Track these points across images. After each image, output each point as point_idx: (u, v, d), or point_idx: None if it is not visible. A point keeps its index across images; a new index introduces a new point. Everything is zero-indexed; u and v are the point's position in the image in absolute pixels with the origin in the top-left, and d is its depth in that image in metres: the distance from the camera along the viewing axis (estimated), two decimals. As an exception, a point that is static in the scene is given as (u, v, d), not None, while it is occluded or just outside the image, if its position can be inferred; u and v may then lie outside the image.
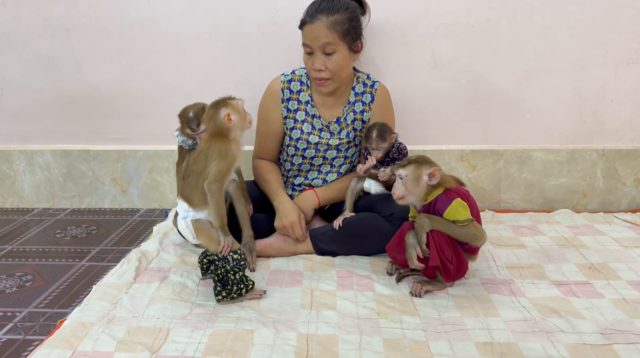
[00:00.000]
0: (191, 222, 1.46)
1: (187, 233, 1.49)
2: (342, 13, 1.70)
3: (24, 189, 2.42)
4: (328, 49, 1.70)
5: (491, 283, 1.56)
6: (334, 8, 1.69)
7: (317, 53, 1.72)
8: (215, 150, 1.44)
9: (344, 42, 1.71)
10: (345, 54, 1.73)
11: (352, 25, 1.72)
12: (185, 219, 1.48)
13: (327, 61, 1.72)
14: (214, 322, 1.35)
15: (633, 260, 1.71)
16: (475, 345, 1.24)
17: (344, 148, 1.89)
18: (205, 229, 1.46)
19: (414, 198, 1.47)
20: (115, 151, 2.35)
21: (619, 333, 1.29)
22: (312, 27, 1.70)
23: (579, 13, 2.09)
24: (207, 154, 1.45)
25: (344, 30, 1.69)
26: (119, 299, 1.47)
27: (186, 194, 1.47)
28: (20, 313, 1.48)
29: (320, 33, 1.68)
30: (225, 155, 1.44)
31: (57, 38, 2.25)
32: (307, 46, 1.73)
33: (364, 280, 1.58)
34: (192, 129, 1.71)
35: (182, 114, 1.75)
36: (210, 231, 1.45)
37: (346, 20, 1.70)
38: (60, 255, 1.88)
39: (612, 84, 2.16)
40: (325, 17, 1.68)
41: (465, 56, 2.16)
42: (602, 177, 2.24)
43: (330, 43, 1.69)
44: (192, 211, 1.46)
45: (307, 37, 1.72)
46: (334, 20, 1.68)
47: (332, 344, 1.25)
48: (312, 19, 1.70)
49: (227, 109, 1.47)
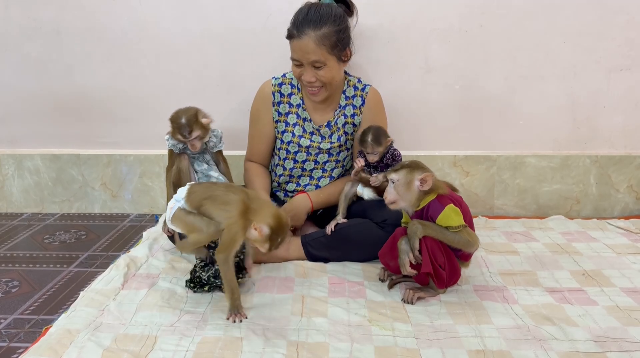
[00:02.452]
0: (177, 209, 1.46)
1: (168, 215, 1.49)
2: (329, 26, 1.67)
3: (12, 194, 2.39)
4: (317, 64, 1.69)
5: (484, 289, 1.55)
6: (322, 20, 1.67)
7: (307, 67, 1.71)
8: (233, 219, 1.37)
9: (332, 55, 1.70)
10: (334, 65, 1.72)
11: (340, 37, 1.70)
12: (176, 203, 1.47)
13: (317, 72, 1.71)
14: (202, 329, 1.33)
15: (626, 267, 1.70)
16: (468, 353, 1.23)
17: (335, 152, 1.88)
18: (184, 217, 1.45)
19: (406, 203, 1.46)
20: (106, 155, 2.33)
21: (612, 341, 1.27)
22: (300, 43, 1.68)
23: (572, 19, 2.09)
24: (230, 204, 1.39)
25: (331, 43, 1.68)
26: (106, 306, 1.45)
27: (194, 189, 1.47)
28: (5, 319, 1.45)
29: (308, 49, 1.67)
30: (235, 236, 1.37)
31: (47, 41, 2.23)
32: (296, 60, 1.72)
33: (355, 287, 1.57)
34: (183, 136, 1.69)
35: (173, 118, 1.72)
36: (187, 218, 1.44)
37: (333, 33, 1.68)
38: (48, 261, 1.85)
39: (605, 90, 2.16)
40: (312, 31, 1.66)
41: (459, 61, 2.15)
42: (595, 183, 2.24)
43: (319, 60, 1.68)
44: (184, 202, 1.45)
45: (296, 51, 1.71)
46: (321, 34, 1.66)
47: (323, 352, 1.23)
48: (299, 34, 1.67)
49: (266, 229, 1.36)
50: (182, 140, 1.71)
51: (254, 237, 1.38)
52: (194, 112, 1.71)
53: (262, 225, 1.36)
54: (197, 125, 1.69)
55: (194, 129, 1.68)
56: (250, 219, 1.37)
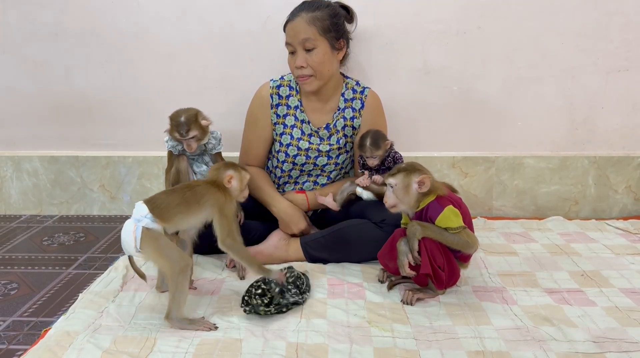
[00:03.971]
0: (142, 228, 1.31)
1: (129, 240, 1.31)
2: (323, 10, 1.72)
3: (11, 196, 2.38)
4: (308, 45, 1.71)
5: (483, 290, 1.55)
6: (314, 5, 1.73)
7: (298, 50, 1.72)
8: (213, 198, 1.41)
9: (324, 38, 1.72)
10: (326, 49, 1.73)
11: (333, 22, 1.73)
12: (138, 223, 1.31)
13: (308, 57, 1.72)
14: (201, 331, 1.33)
15: (625, 268, 1.70)
16: (467, 354, 1.23)
17: (334, 155, 1.88)
18: (154, 239, 1.32)
19: (405, 206, 1.46)
20: (104, 157, 2.32)
21: (611, 341, 1.28)
22: (293, 24, 1.72)
23: (569, 21, 2.10)
24: (203, 193, 1.41)
25: (324, 26, 1.71)
26: (106, 308, 1.45)
27: (158, 203, 1.36)
28: (4, 322, 1.45)
29: (300, 28, 1.70)
30: (227, 212, 1.42)
31: (45, 43, 2.22)
32: (289, 44, 1.74)
33: (355, 288, 1.57)
34: (180, 134, 1.69)
35: (173, 116, 1.72)
36: (160, 242, 1.32)
37: (327, 16, 1.72)
38: (47, 263, 1.85)
39: (603, 91, 2.17)
40: (305, 13, 1.71)
41: (457, 63, 2.15)
42: (593, 184, 2.24)
43: (309, 38, 1.70)
44: (151, 219, 1.33)
45: (289, 34, 1.74)
46: (313, 16, 1.70)
47: (322, 353, 1.23)
48: (292, 17, 1.73)
49: (234, 173, 1.47)
50: (178, 139, 1.71)
51: (236, 190, 1.48)
52: (195, 113, 1.71)
53: (227, 174, 1.46)
54: (195, 125, 1.69)
55: (191, 129, 1.68)
56: (226, 191, 1.45)
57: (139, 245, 1.30)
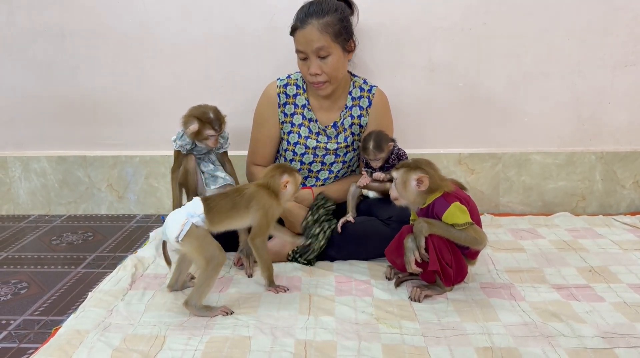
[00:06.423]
0: (191, 224, 1.37)
1: (174, 230, 1.36)
2: (332, 14, 1.70)
3: (19, 196, 2.40)
4: (322, 53, 1.70)
5: (491, 287, 1.55)
6: (323, 10, 1.69)
7: (312, 57, 1.71)
8: (261, 202, 1.46)
9: (337, 44, 1.71)
10: (340, 55, 1.73)
11: (343, 25, 1.72)
12: (190, 218, 1.37)
13: (323, 64, 1.71)
14: (210, 329, 1.33)
15: (633, 263, 1.70)
16: (476, 350, 1.23)
17: (342, 153, 1.88)
18: (198, 238, 1.38)
19: (406, 200, 1.47)
20: (112, 156, 2.34)
21: (620, 337, 1.27)
22: (304, 32, 1.69)
23: (575, 16, 2.09)
24: (251, 197, 1.46)
25: (335, 31, 1.69)
26: (115, 306, 1.45)
27: (212, 206, 1.41)
28: (15, 321, 1.46)
29: (313, 37, 1.68)
30: (270, 212, 1.47)
31: (52, 43, 2.24)
32: (301, 52, 1.73)
33: (362, 285, 1.57)
34: (215, 129, 1.71)
35: (201, 114, 1.71)
36: (202, 241, 1.38)
37: (337, 21, 1.70)
38: (56, 262, 1.86)
39: (610, 87, 2.16)
40: (315, 20, 1.68)
41: (462, 59, 2.15)
42: (600, 180, 2.23)
43: (323, 46, 1.69)
44: (202, 219, 1.39)
45: (300, 42, 1.72)
46: (324, 22, 1.68)
47: (331, 350, 1.24)
48: (302, 24, 1.70)
49: (290, 177, 1.50)
50: (210, 134, 1.71)
51: (290, 194, 1.52)
52: (214, 108, 1.75)
53: (284, 180, 1.48)
54: (224, 120, 1.75)
55: (223, 123, 1.73)
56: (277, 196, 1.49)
57: (182, 238, 1.36)
